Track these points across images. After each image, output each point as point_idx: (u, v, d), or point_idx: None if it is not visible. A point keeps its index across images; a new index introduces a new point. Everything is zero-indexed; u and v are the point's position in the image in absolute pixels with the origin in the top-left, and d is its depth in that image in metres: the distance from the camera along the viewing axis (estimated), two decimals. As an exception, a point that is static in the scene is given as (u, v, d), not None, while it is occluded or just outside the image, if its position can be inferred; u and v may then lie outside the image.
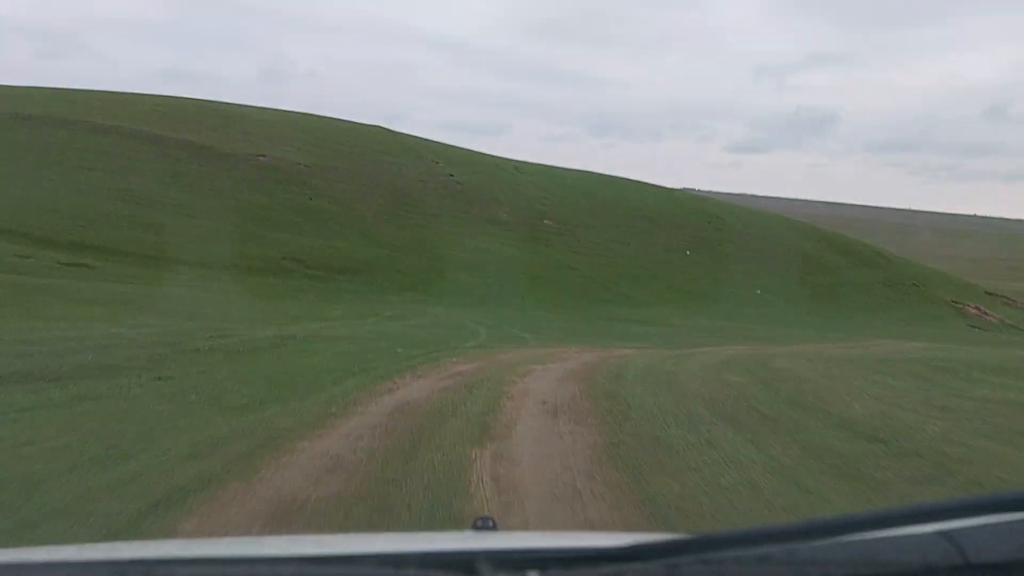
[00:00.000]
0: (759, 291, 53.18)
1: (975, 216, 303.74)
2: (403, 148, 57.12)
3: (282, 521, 4.27)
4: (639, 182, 73.05)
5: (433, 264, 37.61)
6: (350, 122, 62.16)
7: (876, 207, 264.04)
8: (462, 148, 65.35)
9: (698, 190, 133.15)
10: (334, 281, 31.57)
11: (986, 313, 60.73)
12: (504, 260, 41.46)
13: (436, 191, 49.40)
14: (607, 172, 73.78)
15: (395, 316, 23.87)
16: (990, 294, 71.70)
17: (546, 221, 52.05)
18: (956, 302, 62.41)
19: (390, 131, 62.52)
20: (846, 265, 63.73)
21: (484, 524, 1.70)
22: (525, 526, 4.34)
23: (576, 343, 19.81)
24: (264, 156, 46.52)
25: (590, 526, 4.34)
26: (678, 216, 64.46)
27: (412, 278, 33.86)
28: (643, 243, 54.94)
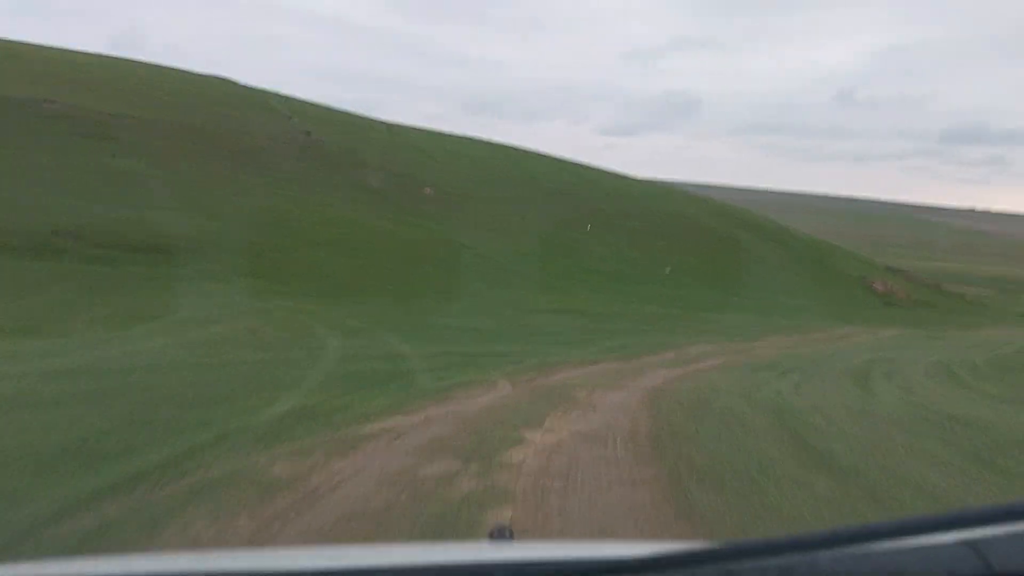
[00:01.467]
0: (668, 269, 46.93)
1: (827, 195, 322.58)
2: (248, 102, 46.64)
3: None
4: (531, 151, 65.42)
5: (281, 241, 28.31)
6: (180, 70, 50.60)
7: (738, 188, 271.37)
8: (323, 105, 55.26)
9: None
10: (125, 265, 21.82)
11: (895, 289, 57.32)
12: (375, 235, 32.61)
13: (288, 150, 39.61)
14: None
15: (197, 319, 14.78)
16: (891, 269, 69.28)
17: (426, 189, 43.37)
18: (865, 279, 58.74)
19: (234, 83, 51.61)
20: (755, 242, 58.79)
21: (501, 534, 1.71)
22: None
23: (493, 359, 11.78)
24: (53, 102, 35.28)
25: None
26: (577, 188, 57.37)
27: (248, 259, 24.47)
28: (540, 217, 47.31)
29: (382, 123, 56.98)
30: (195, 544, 3.46)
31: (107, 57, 50.80)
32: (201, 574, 1.17)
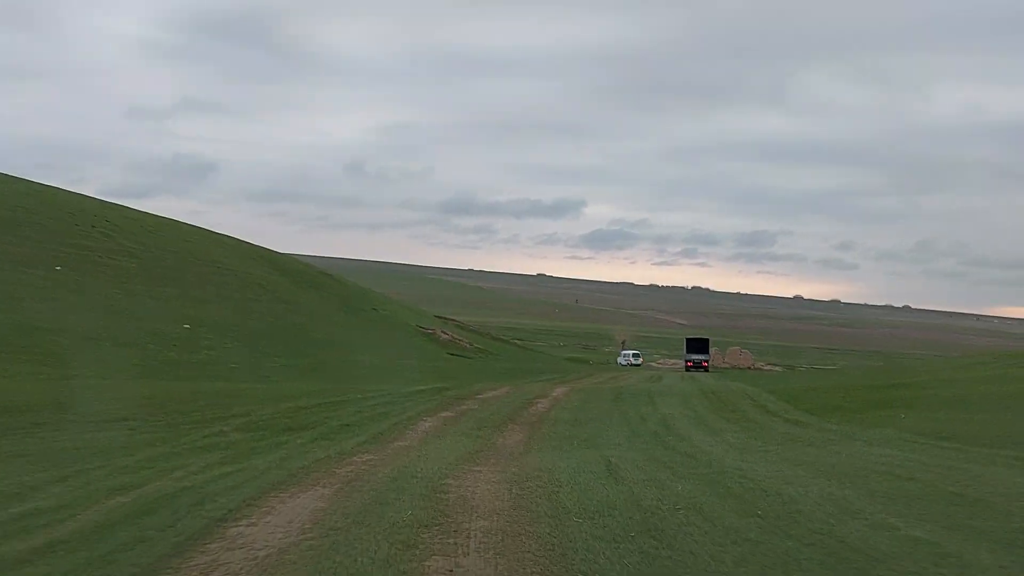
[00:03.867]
0: (187, 326, 33.33)
1: (349, 259, 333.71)
2: None
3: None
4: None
5: None
6: None
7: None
8: None
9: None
10: None
11: (458, 339, 51.78)
12: None
13: None
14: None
15: None
16: (441, 318, 64.69)
17: None
18: (424, 328, 52.14)
19: None
20: (298, 290, 47.91)
21: None
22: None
23: None
24: None
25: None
26: (43, 216, 39.74)
27: None
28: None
29: None
30: None
31: None
32: None
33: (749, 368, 73.15)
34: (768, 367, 77.39)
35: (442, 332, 51.01)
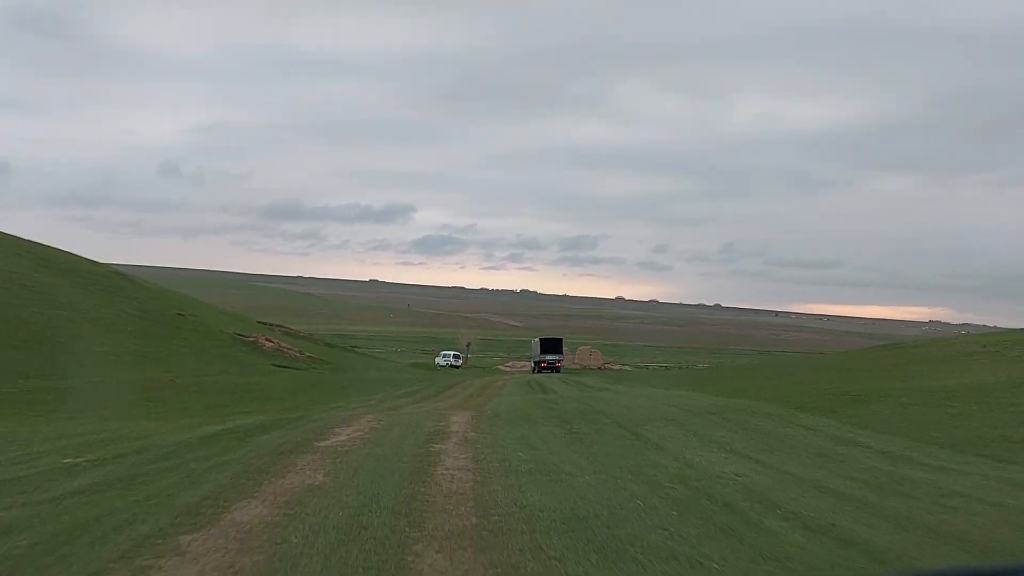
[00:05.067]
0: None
1: (158, 267, 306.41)
2: None
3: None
4: None
5: None
6: None
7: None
8: None
9: None
10: None
11: (286, 347, 43.96)
12: None
13: None
14: None
15: None
16: (265, 324, 55.99)
17: None
18: (244, 336, 43.89)
19: None
20: (80, 293, 38.42)
21: None
22: None
23: None
24: None
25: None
26: None
27: None
28: None
29: None
30: None
31: None
32: None
33: (600, 368, 70.30)
34: (619, 367, 75.04)
35: (266, 340, 43.10)
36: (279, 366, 38.29)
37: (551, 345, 64.32)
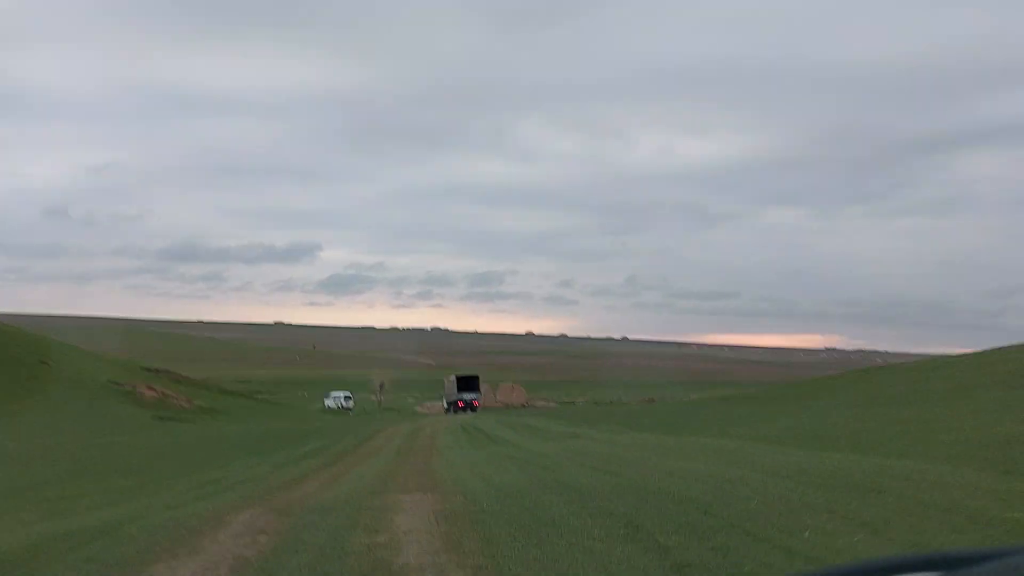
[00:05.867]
0: None
1: (46, 316, 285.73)
2: None
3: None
4: None
5: None
6: None
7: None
8: None
9: None
10: None
11: (171, 395, 38.42)
12: None
13: None
14: None
15: None
16: (150, 370, 49.81)
17: None
18: (119, 384, 38.17)
19: None
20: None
21: None
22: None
23: None
24: None
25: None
26: None
27: None
28: None
29: None
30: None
31: None
32: None
33: (523, 405, 66.70)
34: (542, 403, 71.63)
35: (148, 388, 37.53)
36: (161, 418, 32.98)
37: (468, 383, 60.41)
